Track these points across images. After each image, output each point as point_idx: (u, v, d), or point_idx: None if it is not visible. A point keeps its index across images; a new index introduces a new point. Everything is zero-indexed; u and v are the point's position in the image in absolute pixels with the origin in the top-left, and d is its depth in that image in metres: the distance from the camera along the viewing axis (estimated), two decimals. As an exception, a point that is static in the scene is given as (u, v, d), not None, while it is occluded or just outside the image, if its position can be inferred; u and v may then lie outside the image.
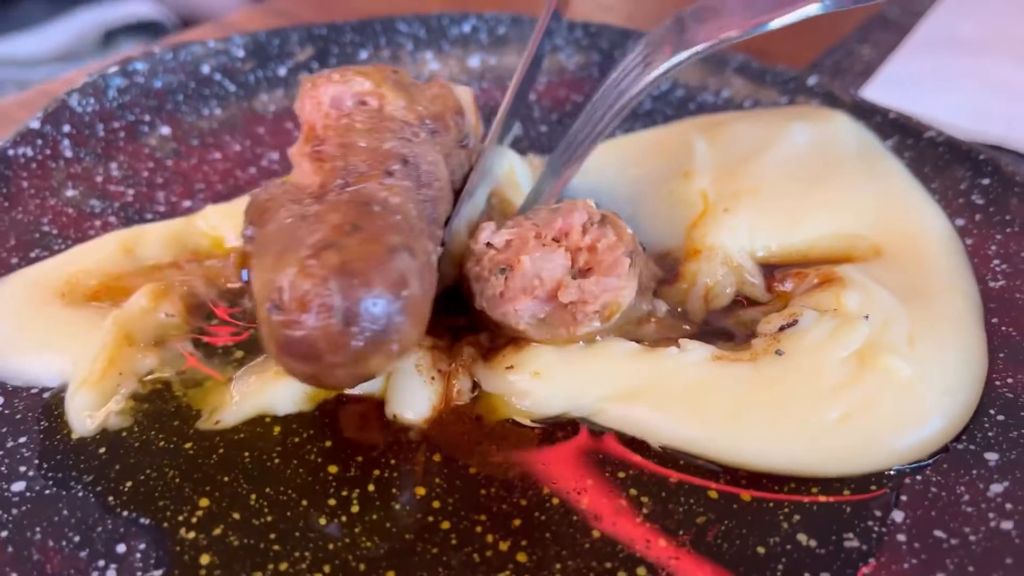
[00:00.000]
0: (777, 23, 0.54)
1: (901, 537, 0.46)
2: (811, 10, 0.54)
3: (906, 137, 0.72)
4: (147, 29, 1.76)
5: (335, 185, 0.50)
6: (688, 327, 0.57)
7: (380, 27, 0.86)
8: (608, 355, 0.53)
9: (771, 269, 0.62)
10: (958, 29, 1.02)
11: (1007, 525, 0.45)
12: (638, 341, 0.54)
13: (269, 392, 0.52)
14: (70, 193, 0.68)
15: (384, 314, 0.43)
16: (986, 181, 0.66)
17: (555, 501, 0.48)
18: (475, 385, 0.54)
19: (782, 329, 0.55)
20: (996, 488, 0.47)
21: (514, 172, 0.69)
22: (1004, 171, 0.66)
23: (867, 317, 0.54)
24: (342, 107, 0.54)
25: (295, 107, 0.57)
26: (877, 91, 0.89)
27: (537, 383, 0.52)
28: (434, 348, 0.55)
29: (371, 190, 0.49)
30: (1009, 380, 0.53)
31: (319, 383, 0.47)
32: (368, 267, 0.43)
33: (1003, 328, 0.57)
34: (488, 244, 0.54)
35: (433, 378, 0.53)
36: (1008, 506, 0.46)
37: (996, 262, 0.61)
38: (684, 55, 0.53)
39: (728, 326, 0.58)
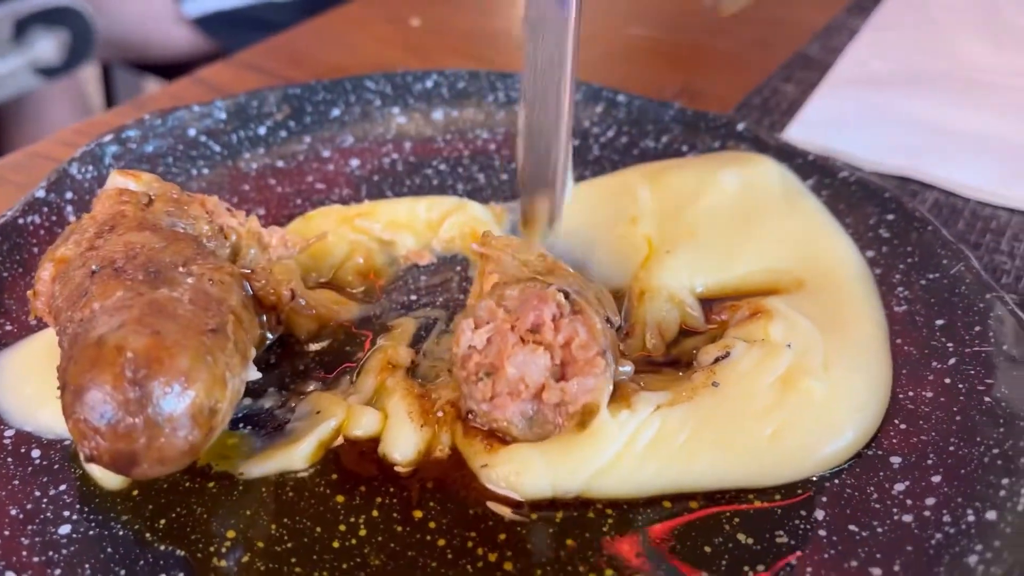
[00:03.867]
0: None
1: (822, 532, 0.55)
2: None
3: (824, 177, 0.82)
4: (61, 17, 1.75)
5: None
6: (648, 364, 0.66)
7: (350, 85, 0.94)
8: (576, 444, 0.58)
9: (709, 302, 0.71)
10: (869, 68, 1.13)
11: (908, 518, 0.55)
12: None
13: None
14: (77, 256, 0.74)
15: None
16: (891, 216, 0.77)
17: (534, 516, 0.56)
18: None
19: (717, 360, 0.64)
20: (899, 487, 0.57)
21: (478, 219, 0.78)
22: (906, 208, 0.76)
23: (790, 346, 0.63)
24: None
25: None
26: (799, 131, 0.99)
27: (515, 482, 0.57)
28: (423, 398, 0.63)
29: None
30: (911, 393, 0.63)
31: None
32: None
33: (905, 347, 0.66)
34: (470, 347, 0.58)
35: (422, 426, 0.61)
36: (909, 502, 0.56)
37: (900, 289, 0.71)
38: None
39: (673, 355, 0.67)
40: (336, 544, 0.55)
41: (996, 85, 1.10)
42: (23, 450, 0.59)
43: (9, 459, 0.59)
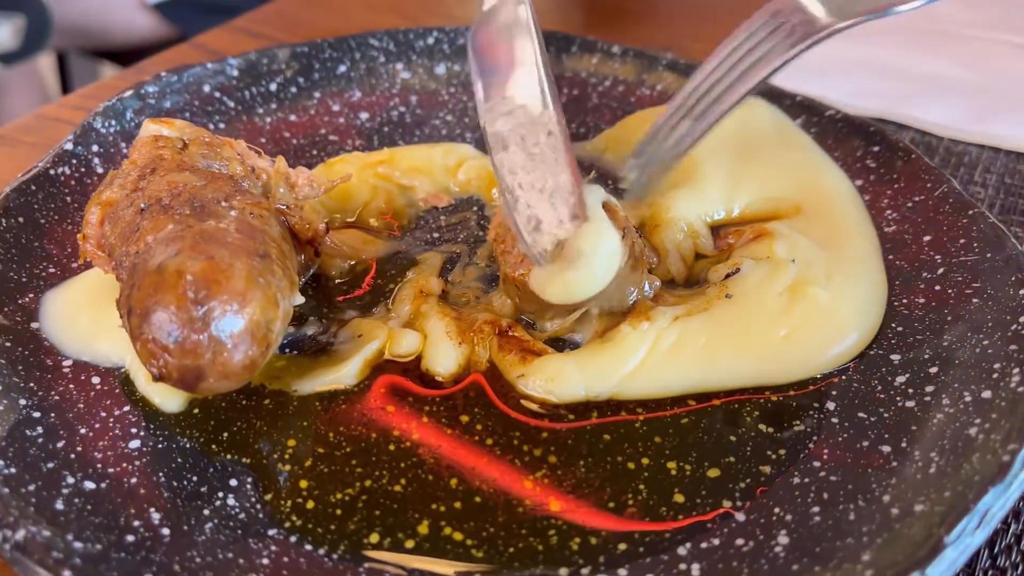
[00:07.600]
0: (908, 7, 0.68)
1: (835, 420, 0.60)
2: None
3: (811, 116, 0.88)
4: (17, 4, 1.78)
5: None
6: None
7: (355, 43, 0.97)
8: (604, 351, 0.63)
9: (717, 229, 0.77)
10: (844, 21, 1.19)
11: (910, 404, 0.60)
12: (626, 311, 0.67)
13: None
14: (109, 204, 0.77)
15: None
16: (876, 148, 0.82)
17: (571, 417, 0.61)
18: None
19: (728, 276, 0.69)
20: (900, 379, 0.62)
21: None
22: (889, 140, 0.82)
23: (793, 261, 0.69)
24: None
25: None
26: (782, 80, 1.04)
27: (550, 388, 0.62)
28: (459, 319, 0.67)
29: None
30: (904, 301, 0.69)
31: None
32: None
33: (897, 262, 0.72)
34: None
35: (461, 343, 0.65)
36: (909, 391, 0.61)
37: (888, 212, 0.77)
38: (825, 33, 0.69)
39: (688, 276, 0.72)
40: (392, 447, 0.59)
41: (962, 36, 1.16)
42: (83, 377, 0.62)
43: (71, 386, 0.62)
